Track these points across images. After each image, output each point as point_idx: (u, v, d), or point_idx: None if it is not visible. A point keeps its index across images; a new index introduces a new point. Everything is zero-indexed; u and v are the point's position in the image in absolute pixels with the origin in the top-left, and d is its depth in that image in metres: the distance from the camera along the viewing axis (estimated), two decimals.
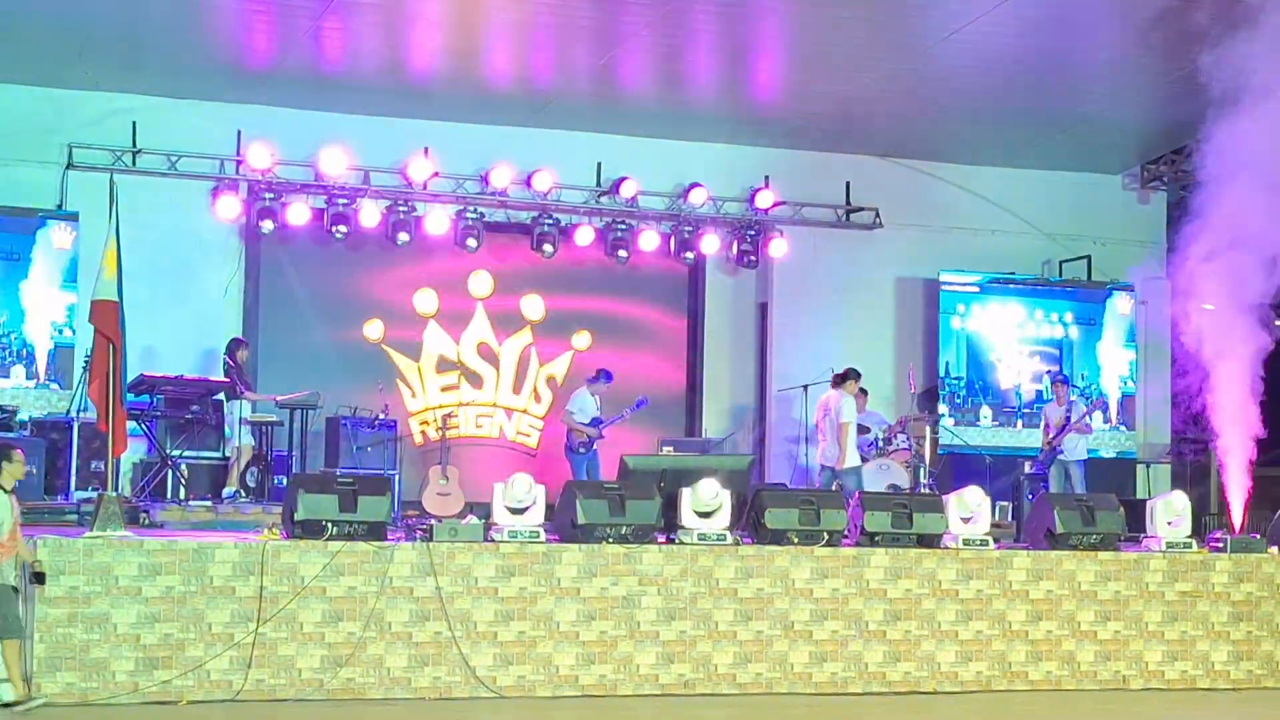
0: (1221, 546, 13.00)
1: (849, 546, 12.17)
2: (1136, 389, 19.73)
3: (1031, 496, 16.05)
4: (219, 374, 15.85)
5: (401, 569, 11.01)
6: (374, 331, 18.12)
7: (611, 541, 11.53)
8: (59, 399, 16.06)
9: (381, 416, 16.69)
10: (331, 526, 10.99)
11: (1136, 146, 19.49)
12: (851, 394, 15.92)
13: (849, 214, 19.24)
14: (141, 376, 14.93)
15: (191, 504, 14.60)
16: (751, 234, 18.81)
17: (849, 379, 16.01)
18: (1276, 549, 13.16)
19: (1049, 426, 17.14)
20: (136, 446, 15.07)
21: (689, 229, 18.67)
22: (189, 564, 10.66)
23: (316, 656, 10.79)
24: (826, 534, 12.05)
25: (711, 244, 18.70)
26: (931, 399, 19.04)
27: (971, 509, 12.60)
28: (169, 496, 14.95)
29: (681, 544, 11.74)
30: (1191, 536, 13.04)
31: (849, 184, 19.16)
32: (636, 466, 12.72)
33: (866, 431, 17.06)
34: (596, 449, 16.68)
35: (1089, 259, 19.85)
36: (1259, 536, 13.31)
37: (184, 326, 16.73)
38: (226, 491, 15.22)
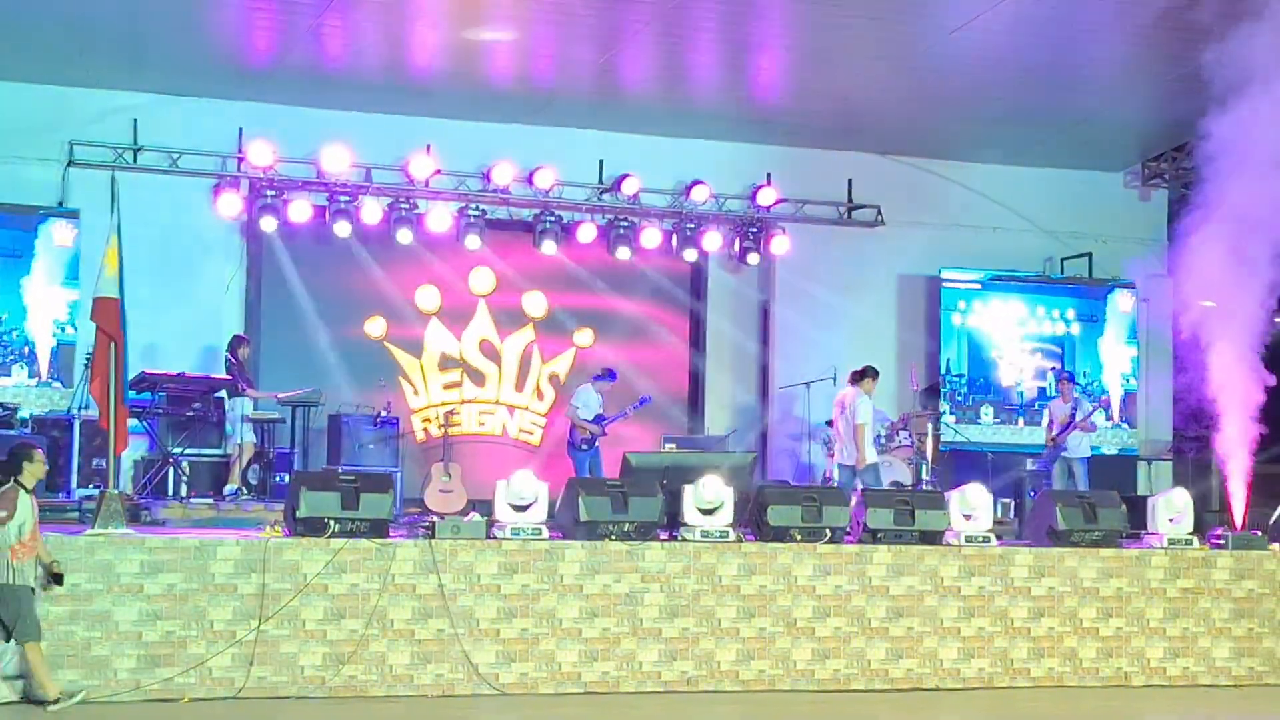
0: (1223, 543, 13.01)
1: (851, 543, 12.18)
2: (1138, 386, 19.72)
3: (1034, 493, 16.04)
4: (221, 371, 15.82)
5: (404, 566, 11.02)
6: (376, 329, 18.10)
7: (614, 539, 11.53)
8: (61, 397, 16.02)
9: (384, 414, 16.68)
10: (334, 524, 11.00)
11: (1137, 144, 19.48)
12: (868, 392, 15.66)
13: (851, 211, 19.22)
14: (143, 374, 14.89)
15: (193, 501, 14.56)
16: (753, 231, 18.79)
17: (866, 377, 15.74)
18: (1278, 546, 13.18)
19: (1053, 423, 17.13)
20: (138, 444, 15.05)
21: (691, 226, 18.64)
22: (191, 561, 10.67)
23: (319, 654, 10.80)
24: (829, 531, 12.07)
25: (713, 241, 18.67)
26: (933, 396, 19.03)
27: (974, 506, 12.60)
28: (170, 494, 14.88)
29: (684, 541, 11.74)
30: (1193, 533, 13.06)
31: (851, 181, 19.13)
32: (639, 464, 12.74)
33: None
34: (599, 446, 16.69)
35: (1090, 256, 19.84)
36: (1260, 533, 13.32)
37: (186, 324, 16.68)
38: (228, 489, 15.18)
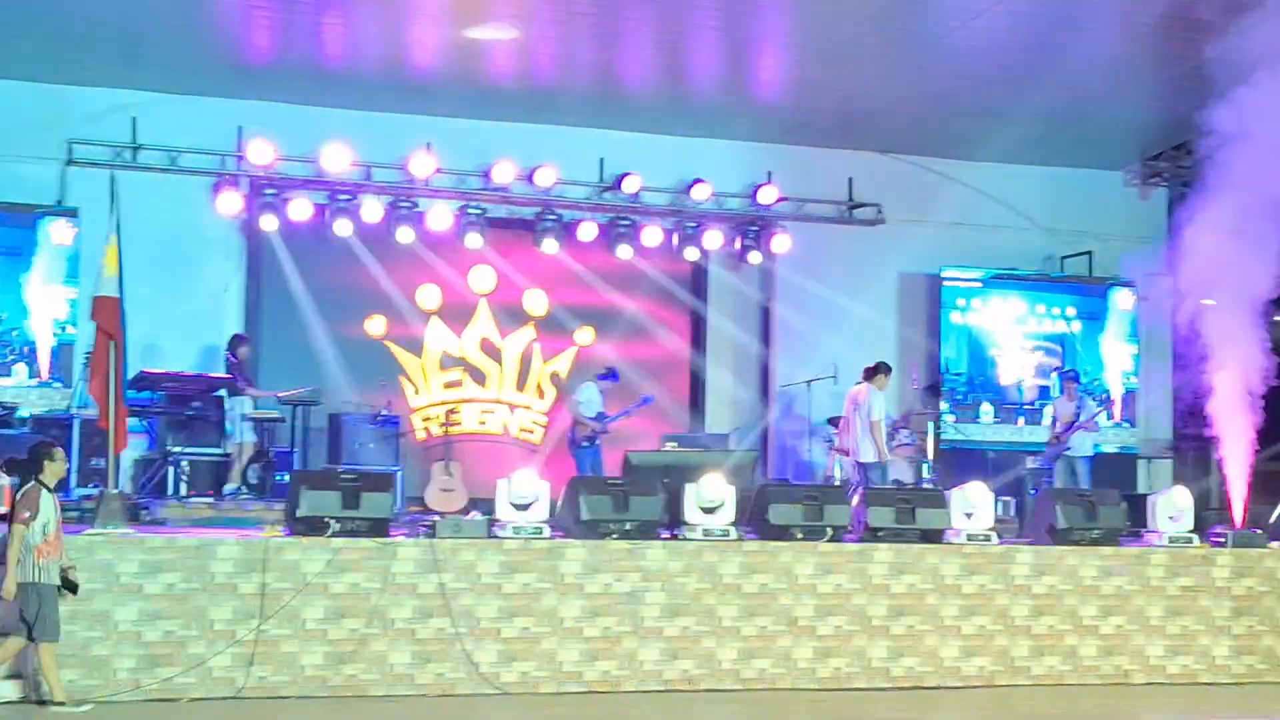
0: (1223, 541, 13.01)
1: (852, 542, 12.18)
2: (1138, 384, 19.71)
3: (1034, 491, 16.04)
4: (220, 370, 15.83)
5: (404, 565, 11.02)
6: (376, 327, 18.09)
7: (615, 537, 11.54)
8: (61, 397, 15.97)
9: (384, 413, 16.66)
10: (334, 523, 11.00)
11: (1138, 142, 19.46)
12: (881, 388, 15.58)
13: (851, 210, 19.21)
14: (142, 373, 14.90)
15: (193, 501, 14.57)
16: (754, 230, 18.78)
17: (879, 373, 15.65)
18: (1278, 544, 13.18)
19: (1057, 421, 17.11)
20: (137, 443, 15.06)
21: (692, 225, 18.63)
22: (191, 561, 10.67)
23: (319, 653, 10.79)
24: (830, 529, 12.06)
25: (714, 240, 18.65)
26: (934, 394, 19.02)
27: (974, 504, 12.60)
28: (170, 493, 14.88)
29: (685, 540, 11.75)
30: (1193, 531, 13.06)
31: (851, 180, 19.13)
32: (640, 463, 12.76)
33: None
34: (599, 444, 16.69)
35: (1090, 254, 19.83)
36: (1260, 531, 13.32)
37: (185, 323, 16.66)
38: (228, 488, 15.17)
